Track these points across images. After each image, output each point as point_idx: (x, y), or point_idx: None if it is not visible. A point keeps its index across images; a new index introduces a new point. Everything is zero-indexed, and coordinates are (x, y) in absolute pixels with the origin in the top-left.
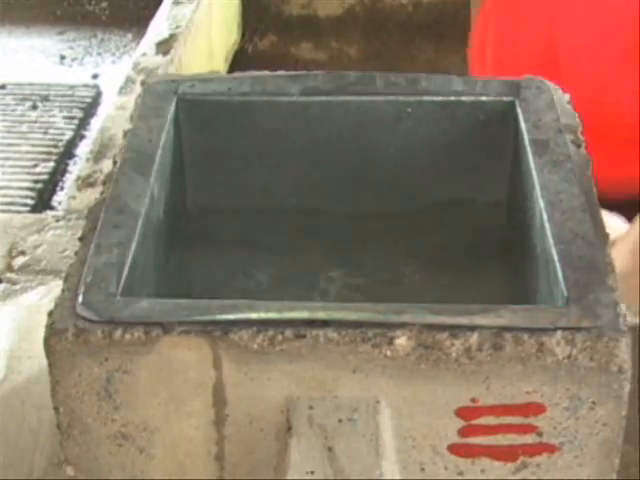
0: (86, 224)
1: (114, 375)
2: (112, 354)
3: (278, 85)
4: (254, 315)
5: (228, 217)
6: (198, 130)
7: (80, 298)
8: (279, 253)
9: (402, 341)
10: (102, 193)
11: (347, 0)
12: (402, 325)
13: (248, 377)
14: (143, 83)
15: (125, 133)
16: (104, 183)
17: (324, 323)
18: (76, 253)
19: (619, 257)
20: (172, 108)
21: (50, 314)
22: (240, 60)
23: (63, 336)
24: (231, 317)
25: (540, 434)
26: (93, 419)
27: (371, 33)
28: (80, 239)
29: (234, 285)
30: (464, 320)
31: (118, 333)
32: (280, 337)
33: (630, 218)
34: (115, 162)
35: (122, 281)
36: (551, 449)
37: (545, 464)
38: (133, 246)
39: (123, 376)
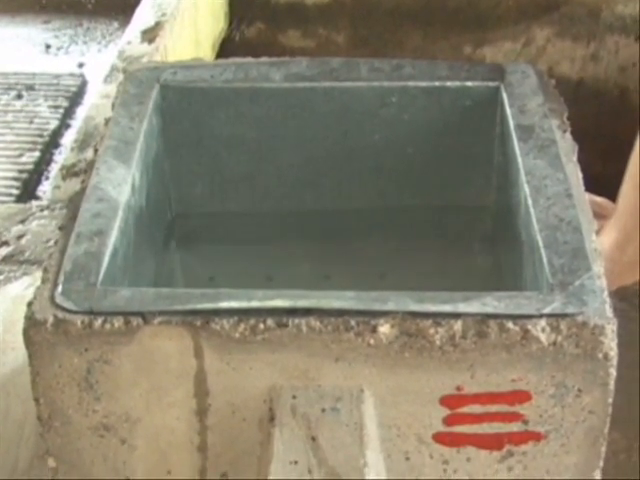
0: (66, 213)
1: (94, 365)
2: (92, 344)
3: (261, 72)
4: (236, 304)
5: (211, 205)
6: (180, 117)
7: (59, 288)
8: (263, 244)
9: (385, 329)
10: (83, 182)
11: None
12: (385, 313)
13: (230, 366)
14: (125, 71)
15: (106, 121)
16: (85, 172)
17: (306, 312)
18: (56, 242)
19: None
20: (154, 95)
21: (29, 305)
22: (227, 48)
23: (42, 327)
24: (212, 306)
25: (526, 422)
26: (74, 410)
27: (359, 20)
28: (60, 228)
29: (218, 275)
30: (448, 308)
31: (98, 323)
32: (262, 326)
33: None
34: (96, 150)
35: (102, 270)
36: (537, 437)
37: (531, 452)
38: (114, 235)
39: (104, 366)
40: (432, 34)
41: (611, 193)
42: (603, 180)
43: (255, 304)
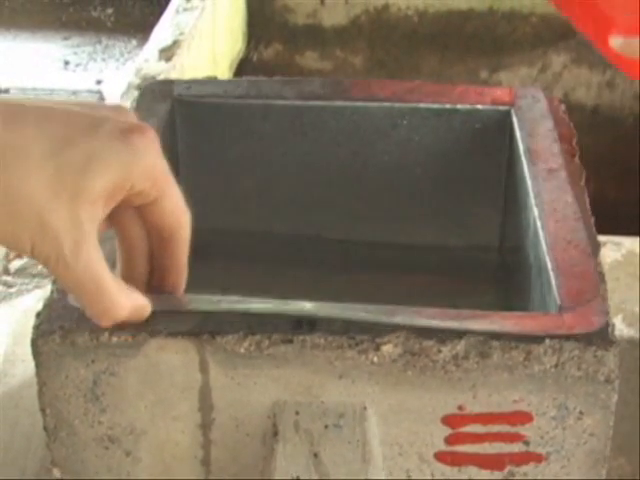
0: None
1: (101, 377)
2: (99, 356)
3: (274, 89)
4: (240, 306)
5: (222, 222)
6: (193, 132)
7: (68, 299)
8: (274, 265)
9: (389, 347)
10: None
11: (352, 10)
12: (390, 330)
13: (235, 381)
14: (140, 87)
15: None
16: None
17: (311, 328)
18: None
19: None
20: (167, 109)
21: (38, 315)
22: (245, 69)
23: (50, 337)
24: (211, 307)
25: (527, 443)
26: (80, 421)
27: (376, 43)
28: None
29: (229, 292)
30: (455, 324)
31: (105, 335)
32: (267, 341)
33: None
34: None
35: None
36: (538, 458)
37: (532, 473)
38: None
39: (110, 378)
40: (449, 58)
41: (626, 219)
42: (618, 206)
43: (256, 306)
